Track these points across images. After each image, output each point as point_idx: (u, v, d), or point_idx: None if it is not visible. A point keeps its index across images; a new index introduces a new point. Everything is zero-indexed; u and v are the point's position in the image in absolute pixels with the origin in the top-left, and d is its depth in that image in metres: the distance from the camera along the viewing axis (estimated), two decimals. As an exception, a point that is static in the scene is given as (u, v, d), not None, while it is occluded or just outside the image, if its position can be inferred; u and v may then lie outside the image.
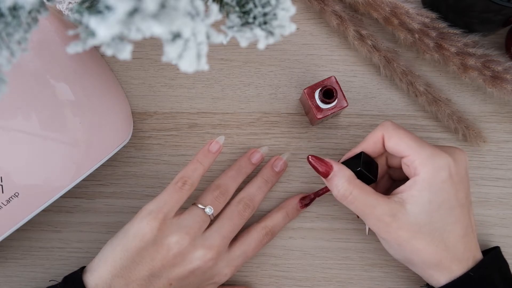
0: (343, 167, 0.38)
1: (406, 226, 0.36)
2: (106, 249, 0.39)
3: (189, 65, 0.22)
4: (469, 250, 0.37)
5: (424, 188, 0.36)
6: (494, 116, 0.46)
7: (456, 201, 0.36)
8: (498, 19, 0.40)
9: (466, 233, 0.37)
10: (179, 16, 0.20)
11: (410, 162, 0.37)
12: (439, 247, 0.36)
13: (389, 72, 0.45)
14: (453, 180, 0.36)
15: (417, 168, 0.36)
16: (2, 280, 0.45)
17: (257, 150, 0.45)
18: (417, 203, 0.36)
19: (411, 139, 0.37)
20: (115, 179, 0.46)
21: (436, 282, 0.38)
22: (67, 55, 0.40)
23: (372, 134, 0.39)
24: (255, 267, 0.45)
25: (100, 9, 0.21)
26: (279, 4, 0.25)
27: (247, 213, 0.42)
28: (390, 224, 0.36)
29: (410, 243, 0.36)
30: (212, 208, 0.40)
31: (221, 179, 0.43)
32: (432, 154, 0.36)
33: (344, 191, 0.37)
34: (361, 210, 0.37)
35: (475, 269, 0.36)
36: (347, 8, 0.46)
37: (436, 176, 0.36)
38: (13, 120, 0.37)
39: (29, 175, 0.37)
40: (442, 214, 0.36)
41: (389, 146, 0.38)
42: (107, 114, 0.42)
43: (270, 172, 0.44)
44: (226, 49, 0.47)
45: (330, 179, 0.38)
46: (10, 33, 0.23)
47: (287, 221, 0.44)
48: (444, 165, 0.36)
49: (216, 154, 0.42)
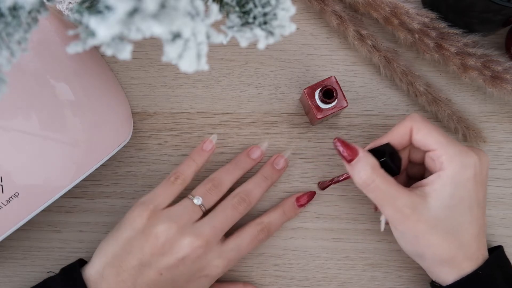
0: (368, 154, 0.37)
1: (425, 219, 0.36)
2: (103, 241, 0.40)
3: (189, 65, 0.22)
4: (480, 249, 0.37)
5: (448, 184, 0.36)
6: (494, 116, 0.46)
7: (475, 201, 0.36)
8: (498, 19, 0.40)
9: (479, 233, 0.37)
10: (179, 16, 0.20)
11: (436, 157, 0.37)
12: (454, 244, 0.36)
13: (389, 72, 0.45)
14: (476, 180, 0.36)
15: (443, 163, 0.36)
16: (2, 280, 0.45)
17: (257, 146, 0.45)
18: (439, 197, 0.36)
19: (440, 134, 0.37)
20: (115, 179, 0.46)
21: (444, 279, 0.37)
22: (67, 55, 0.40)
23: (400, 125, 0.39)
24: (255, 267, 0.45)
25: (100, 9, 0.21)
26: (279, 4, 0.25)
27: (242, 207, 0.41)
28: (409, 216, 0.36)
29: (426, 237, 0.36)
30: (201, 198, 0.41)
31: (216, 173, 0.43)
32: (460, 152, 0.36)
33: (367, 178, 0.37)
34: (381, 199, 0.37)
35: (483, 267, 0.37)
36: (347, 8, 0.46)
37: (461, 174, 0.36)
38: (13, 120, 0.37)
39: (29, 175, 0.37)
40: (461, 211, 0.36)
41: (417, 138, 0.38)
42: (107, 114, 0.42)
43: (270, 169, 0.44)
44: (226, 49, 0.47)
45: (353, 165, 0.37)
46: (10, 33, 0.23)
47: (284, 219, 0.44)
48: (471, 164, 0.36)
49: (209, 152, 0.44)
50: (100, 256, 0.39)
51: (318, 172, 0.46)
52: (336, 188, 0.45)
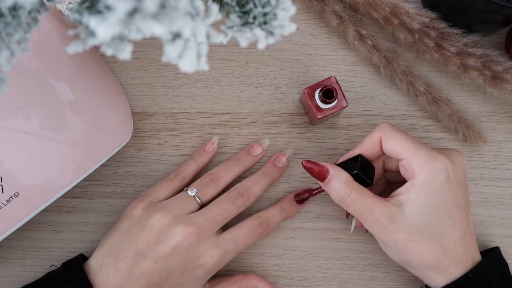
0: (339, 170, 0.38)
1: (404, 229, 0.36)
2: (104, 235, 0.42)
3: (189, 65, 0.22)
4: (467, 251, 0.37)
5: (422, 191, 0.36)
6: (494, 116, 0.46)
7: (454, 203, 0.36)
8: (498, 19, 0.40)
9: (464, 235, 0.37)
10: (179, 16, 0.20)
11: (407, 165, 0.37)
12: (437, 250, 0.36)
13: (389, 72, 0.45)
14: (451, 182, 0.36)
15: (414, 170, 0.36)
16: (2, 280, 0.45)
17: (258, 143, 0.45)
18: (415, 205, 0.36)
19: (409, 141, 0.37)
20: (115, 179, 0.46)
21: (434, 284, 0.37)
22: (67, 55, 0.40)
23: (370, 136, 0.39)
24: (255, 267, 0.45)
25: (100, 9, 0.21)
26: (279, 4, 0.25)
27: (240, 201, 0.41)
28: (388, 226, 0.36)
29: (408, 246, 0.36)
30: (195, 189, 0.41)
31: (215, 168, 0.43)
32: (430, 157, 0.36)
33: (343, 194, 0.37)
34: (359, 212, 0.37)
35: (473, 271, 0.36)
36: (347, 8, 0.46)
37: (434, 179, 0.36)
38: (13, 120, 0.37)
39: (29, 175, 0.37)
40: (440, 216, 0.36)
41: (387, 148, 0.38)
42: (107, 114, 0.42)
43: (271, 167, 0.44)
44: (226, 49, 0.47)
45: (327, 183, 0.38)
46: (10, 33, 0.23)
47: (284, 215, 0.43)
48: (441, 168, 0.36)
49: (211, 154, 0.45)
50: (99, 248, 0.40)
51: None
52: (336, 188, 0.45)
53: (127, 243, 0.39)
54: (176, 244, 0.38)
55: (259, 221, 0.42)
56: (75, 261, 0.40)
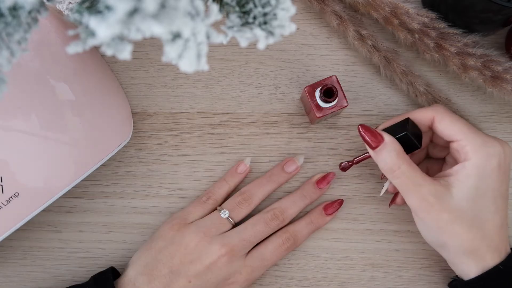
0: (394, 140, 0.37)
1: (449, 209, 0.36)
2: (135, 253, 0.42)
3: (189, 65, 0.22)
4: (504, 241, 0.37)
5: (472, 174, 0.36)
6: (494, 116, 0.46)
7: (499, 191, 0.36)
8: (498, 19, 0.40)
9: (503, 225, 0.37)
10: (179, 16, 0.20)
11: (460, 147, 0.37)
12: (478, 234, 0.36)
13: (389, 72, 0.45)
14: (500, 170, 0.36)
15: (468, 153, 0.36)
16: (2, 280, 0.45)
17: (293, 160, 0.44)
18: (463, 188, 0.36)
19: (464, 124, 0.37)
20: (115, 179, 0.46)
21: (466, 272, 0.37)
22: (67, 55, 0.40)
23: (421, 111, 0.39)
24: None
25: (100, 9, 0.21)
26: (279, 4, 0.25)
27: (274, 224, 0.42)
28: (433, 205, 0.36)
29: (450, 227, 0.36)
30: (227, 211, 0.41)
31: (248, 186, 0.44)
32: (484, 141, 0.36)
33: (393, 164, 0.37)
34: (406, 186, 0.36)
35: (504, 263, 0.36)
36: (347, 8, 0.46)
37: (486, 164, 0.36)
38: (13, 120, 0.37)
39: (29, 175, 0.37)
40: (486, 202, 0.36)
41: (440, 128, 0.38)
42: (107, 114, 0.42)
43: (311, 189, 0.44)
44: (226, 49, 0.47)
45: (378, 151, 0.37)
46: (10, 33, 0.23)
47: (312, 227, 0.43)
48: (496, 154, 0.36)
49: (242, 175, 0.44)
50: (132, 266, 0.41)
51: (318, 172, 0.45)
52: (337, 188, 0.45)
53: (161, 262, 0.39)
54: (210, 263, 0.39)
55: (286, 236, 0.42)
56: (106, 277, 0.40)
